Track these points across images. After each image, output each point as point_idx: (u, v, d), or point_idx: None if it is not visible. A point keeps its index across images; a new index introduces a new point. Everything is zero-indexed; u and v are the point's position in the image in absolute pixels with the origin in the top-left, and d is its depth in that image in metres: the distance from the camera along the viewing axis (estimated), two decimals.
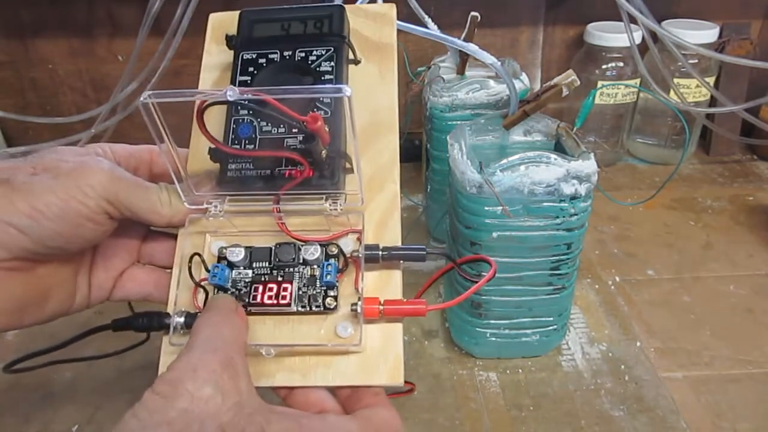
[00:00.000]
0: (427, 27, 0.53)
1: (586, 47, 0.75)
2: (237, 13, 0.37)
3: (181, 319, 0.30)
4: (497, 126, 0.47)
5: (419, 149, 0.66)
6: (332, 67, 0.33)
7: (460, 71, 0.58)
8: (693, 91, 0.74)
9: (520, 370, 0.49)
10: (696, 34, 0.70)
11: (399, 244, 0.32)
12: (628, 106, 0.76)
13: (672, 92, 0.72)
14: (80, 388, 0.49)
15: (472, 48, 0.44)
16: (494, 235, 0.43)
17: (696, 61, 0.72)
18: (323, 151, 0.30)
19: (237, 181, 0.32)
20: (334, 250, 0.31)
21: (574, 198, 0.41)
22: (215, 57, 0.37)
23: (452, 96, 0.54)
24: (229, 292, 0.31)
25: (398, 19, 0.39)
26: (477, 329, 0.49)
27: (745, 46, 0.75)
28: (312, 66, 0.33)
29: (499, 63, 0.45)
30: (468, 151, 0.43)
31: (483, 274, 0.45)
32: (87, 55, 0.79)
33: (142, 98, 0.29)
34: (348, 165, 0.32)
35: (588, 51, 0.75)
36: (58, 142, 0.73)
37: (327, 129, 0.30)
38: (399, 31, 0.39)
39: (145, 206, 0.30)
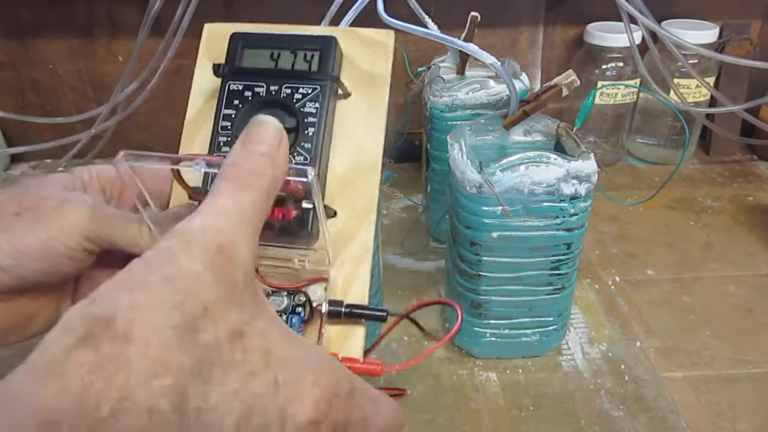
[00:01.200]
0: (427, 27, 0.53)
1: (586, 47, 0.75)
2: (231, 26, 0.36)
3: None
4: (497, 126, 0.47)
5: (419, 149, 0.66)
6: (316, 109, 0.33)
7: (460, 71, 0.58)
8: (693, 91, 0.74)
9: (520, 370, 0.49)
10: (696, 34, 0.70)
11: (365, 298, 0.31)
12: (628, 106, 0.76)
13: (672, 92, 0.72)
14: None
15: (472, 48, 0.44)
16: (494, 235, 0.43)
17: (696, 61, 0.72)
18: (296, 210, 0.30)
19: None
20: (302, 299, 0.31)
21: (574, 198, 0.41)
22: (206, 78, 0.35)
23: (452, 96, 0.54)
24: None
25: (398, 19, 0.38)
26: (477, 329, 0.49)
27: (745, 46, 0.75)
28: (296, 105, 0.33)
29: (499, 63, 0.45)
30: (468, 151, 0.43)
31: (483, 274, 0.45)
32: (87, 55, 0.79)
33: (116, 159, 0.29)
34: (329, 211, 0.32)
35: (588, 51, 0.75)
36: (58, 142, 0.73)
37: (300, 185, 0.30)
38: (399, 31, 0.39)
39: (126, 240, 0.31)
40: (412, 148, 0.73)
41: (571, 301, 0.50)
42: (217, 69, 0.34)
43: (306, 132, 0.32)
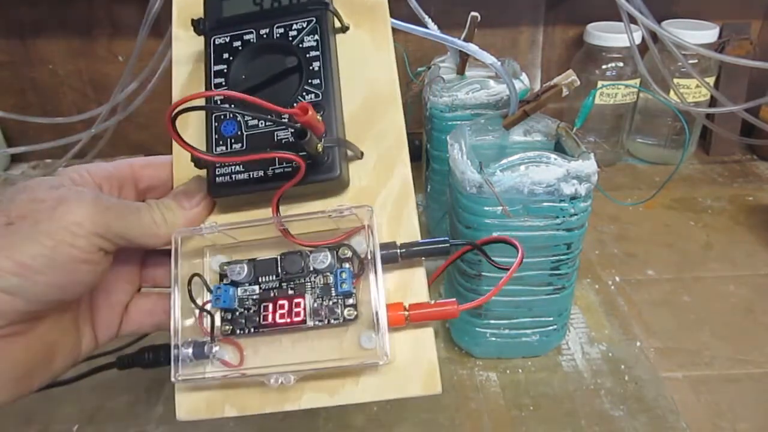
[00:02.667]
0: (427, 27, 0.53)
1: (586, 47, 0.75)
2: None
3: (189, 350, 0.27)
4: (497, 126, 0.47)
5: (419, 149, 0.66)
6: (316, 41, 0.29)
7: (460, 71, 0.58)
8: (693, 91, 0.74)
9: (520, 370, 0.49)
10: (696, 34, 0.70)
11: (418, 237, 0.28)
12: (628, 106, 0.76)
13: (672, 92, 0.72)
14: (80, 388, 0.49)
15: (472, 48, 0.44)
16: (494, 235, 0.43)
17: (696, 61, 0.72)
18: (319, 144, 0.27)
19: (228, 187, 0.29)
20: (347, 253, 0.28)
21: (574, 198, 0.41)
22: (185, 45, 0.32)
23: (452, 96, 0.54)
24: (237, 313, 0.28)
25: (398, 19, 0.38)
26: (477, 329, 0.49)
27: (745, 46, 0.75)
28: (294, 42, 0.30)
29: (499, 63, 0.45)
30: (468, 151, 0.43)
31: (484, 274, 0.45)
32: (87, 55, 0.79)
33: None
34: (350, 152, 0.29)
35: (588, 51, 0.75)
36: (58, 142, 0.73)
37: (320, 117, 0.27)
38: (399, 31, 0.39)
39: (141, 231, 0.28)
40: (412, 148, 0.73)
41: (571, 301, 0.50)
42: (197, 25, 0.31)
43: (311, 68, 0.29)
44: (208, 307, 0.28)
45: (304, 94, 0.29)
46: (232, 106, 0.29)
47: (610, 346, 0.52)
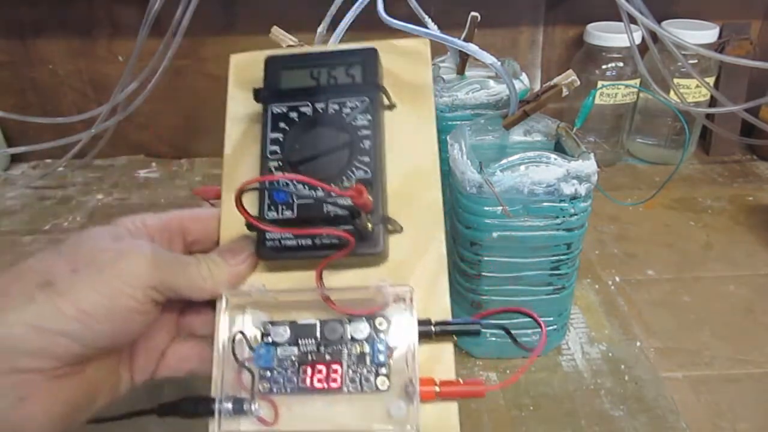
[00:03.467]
0: (427, 27, 0.53)
1: (586, 47, 0.75)
2: (258, 54, 0.35)
3: (229, 405, 0.28)
4: (497, 126, 0.47)
5: None
6: (369, 120, 0.31)
7: (460, 71, 0.58)
8: (693, 91, 0.74)
9: None
10: (696, 34, 0.70)
11: (448, 312, 0.30)
12: (628, 106, 0.76)
13: (672, 92, 0.72)
14: None
15: (472, 48, 0.44)
16: (494, 235, 0.43)
17: (696, 61, 0.72)
18: (369, 223, 0.29)
19: (276, 251, 0.30)
20: (383, 324, 0.29)
21: (574, 198, 0.41)
22: (241, 105, 0.34)
23: (452, 96, 0.54)
24: (275, 372, 0.29)
25: (398, 19, 0.38)
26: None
27: (745, 46, 0.75)
28: (347, 120, 0.31)
29: (499, 63, 0.45)
30: (468, 151, 0.43)
31: (483, 274, 0.45)
32: (87, 55, 0.79)
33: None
34: (391, 227, 0.30)
35: (588, 51, 0.75)
36: (58, 142, 0.73)
37: (369, 195, 0.29)
38: (398, 31, 0.39)
39: (189, 284, 0.29)
40: None
41: (571, 301, 0.50)
42: (257, 93, 0.33)
43: (362, 145, 0.31)
44: (249, 364, 0.30)
45: (354, 169, 0.31)
46: (285, 174, 0.31)
47: (610, 346, 0.52)
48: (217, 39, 0.78)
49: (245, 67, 0.36)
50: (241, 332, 0.30)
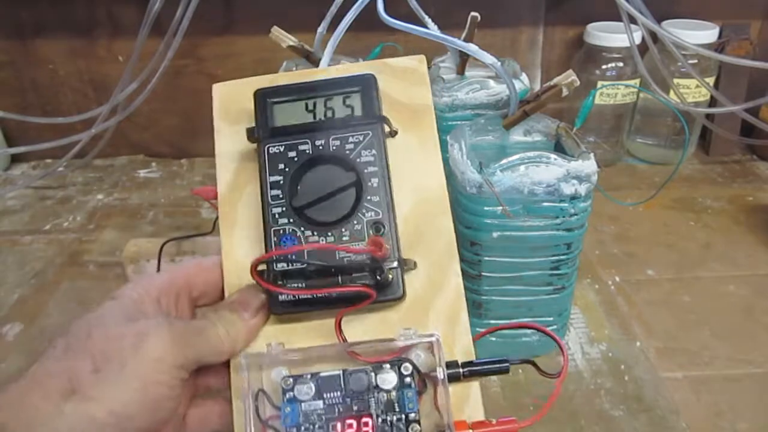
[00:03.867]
0: (427, 27, 0.53)
1: (586, 47, 0.75)
2: (243, 83, 0.33)
3: None
4: (497, 126, 0.47)
5: None
6: (374, 156, 0.29)
7: (460, 71, 0.58)
8: (693, 91, 0.74)
9: (520, 370, 0.49)
10: (696, 34, 0.70)
11: (472, 350, 0.29)
12: (628, 106, 0.76)
13: (672, 92, 0.72)
14: None
15: (472, 48, 0.44)
16: (494, 235, 0.43)
17: (696, 61, 0.72)
18: (390, 273, 0.28)
19: (291, 305, 0.29)
20: (409, 369, 0.28)
21: (574, 198, 0.41)
22: (230, 142, 0.32)
23: (452, 96, 0.54)
24: (302, 429, 0.28)
25: (398, 19, 0.38)
26: (477, 329, 0.48)
27: (745, 46, 0.75)
28: (351, 156, 0.30)
29: (499, 63, 0.45)
30: (468, 151, 0.43)
31: (484, 274, 0.45)
32: (87, 55, 0.79)
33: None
34: (406, 267, 0.29)
35: (588, 51, 0.75)
36: (58, 142, 0.73)
37: (384, 240, 0.28)
38: (398, 31, 0.39)
39: (209, 351, 0.28)
40: None
41: (571, 301, 0.50)
42: (251, 133, 0.30)
43: (370, 184, 0.29)
44: (273, 422, 0.29)
45: (364, 211, 0.29)
46: (291, 221, 0.29)
47: (610, 346, 0.52)
48: (217, 39, 0.78)
49: (230, 98, 0.33)
50: (262, 390, 0.28)
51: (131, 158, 0.87)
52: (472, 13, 0.52)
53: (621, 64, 0.73)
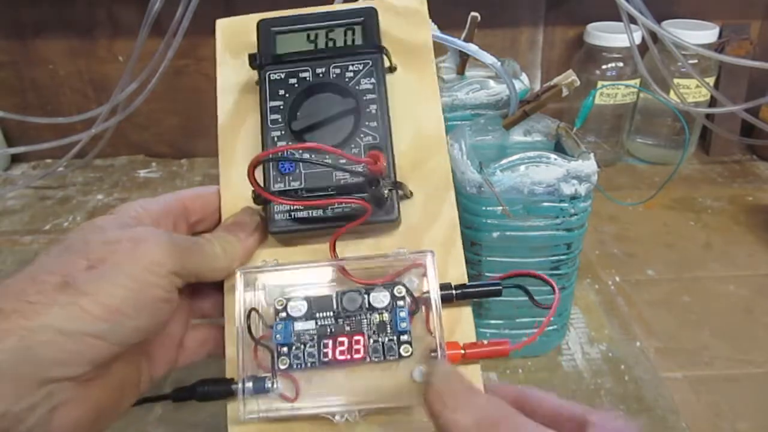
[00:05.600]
0: None
1: (586, 47, 0.75)
2: (246, 18, 0.33)
3: (250, 385, 0.28)
4: (497, 126, 0.47)
5: None
6: (373, 84, 0.30)
7: (460, 71, 0.58)
8: (693, 91, 0.74)
9: (520, 370, 0.49)
10: (696, 35, 0.70)
11: (465, 276, 0.29)
12: (628, 106, 0.76)
13: (672, 92, 0.72)
14: None
15: (472, 48, 0.44)
16: (494, 235, 0.43)
17: (696, 61, 0.72)
18: (385, 190, 0.28)
19: (286, 224, 0.29)
20: (401, 292, 0.28)
21: (574, 198, 0.41)
22: (231, 73, 0.33)
23: (452, 96, 0.54)
24: (294, 348, 0.28)
25: None
26: (477, 329, 0.48)
27: (745, 46, 0.75)
28: (350, 84, 0.30)
29: (499, 63, 0.45)
30: (468, 151, 0.43)
31: (483, 274, 0.45)
32: (87, 55, 0.79)
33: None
34: (401, 193, 0.30)
35: (588, 51, 0.75)
36: (58, 142, 0.73)
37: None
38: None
39: (206, 266, 0.28)
40: None
41: (571, 301, 0.50)
42: (253, 59, 0.31)
43: (368, 110, 0.30)
44: (266, 341, 0.29)
45: (362, 135, 0.30)
46: (289, 143, 0.29)
47: (610, 346, 0.52)
48: None
49: (234, 33, 0.34)
50: (255, 309, 0.29)
51: (131, 158, 0.87)
52: (472, 13, 0.52)
53: (621, 64, 0.73)
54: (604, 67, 0.74)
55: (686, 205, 0.71)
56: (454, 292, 0.29)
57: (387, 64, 0.32)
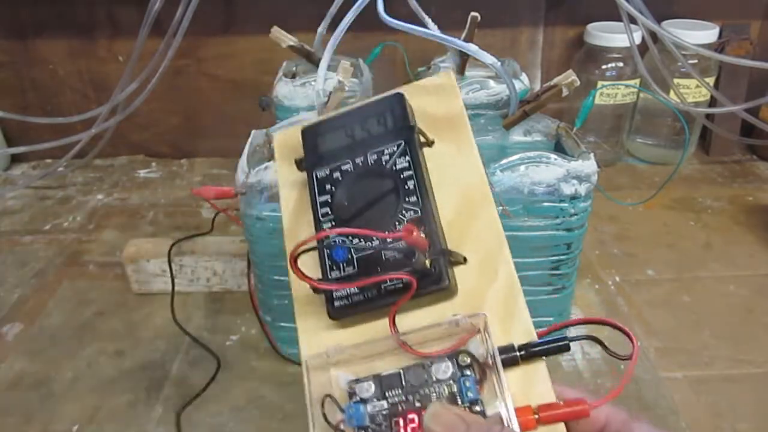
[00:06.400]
0: (427, 27, 0.53)
1: (586, 47, 0.75)
2: (295, 127, 0.37)
3: None
4: (497, 126, 0.47)
5: None
6: (408, 161, 0.32)
7: (460, 71, 0.58)
8: (693, 91, 0.74)
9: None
10: (696, 35, 0.70)
11: (532, 332, 0.29)
12: (628, 106, 0.76)
13: (672, 92, 0.72)
14: (80, 387, 0.49)
15: (472, 48, 0.44)
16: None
17: (696, 61, 0.72)
18: (426, 260, 0.29)
19: (346, 308, 0.30)
20: (466, 360, 0.28)
21: (574, 198, 0.41)
22: (290, 174, 0.36)
23: None
24: (369, 430, 0.29)
25: (398, 19, 0.38)
26: None
27: (745, 46, 0.75)
28: (387, 166, 0.32)
29: (499, 63, 0.45)
30: None
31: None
32: (87, 55, 0.79)
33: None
34: (453, 259, 0.30)
35: (588, 51, 0.75)
36: (58, 142, 0.73)
37: (422, 233, 0.29)
38: (398, 31, 0.39)
39: None
40: None
41: (571, 301, 0.50)
42: (299, 163, 0.34)
43: (406, 187, 0.31)
44: (342, 426, 0.29)
45: (403, 212, 0.31)
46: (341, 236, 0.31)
47: (610, 346, 0.51)
48: (217, 39, 0.78)
49: (287, 142, 0.37)
50: (329, 395, 0.29)
51: (131, 158, 0.87)
52: (472, 13, 0.52)
53: (621, 64, 0.73)
54: (604, 67, 0.74)
55: (686, 205, 0.71)
56: (517, 353, 0.28)
57: (423, 140, 0.33)
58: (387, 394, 0.29)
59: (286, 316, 0.49)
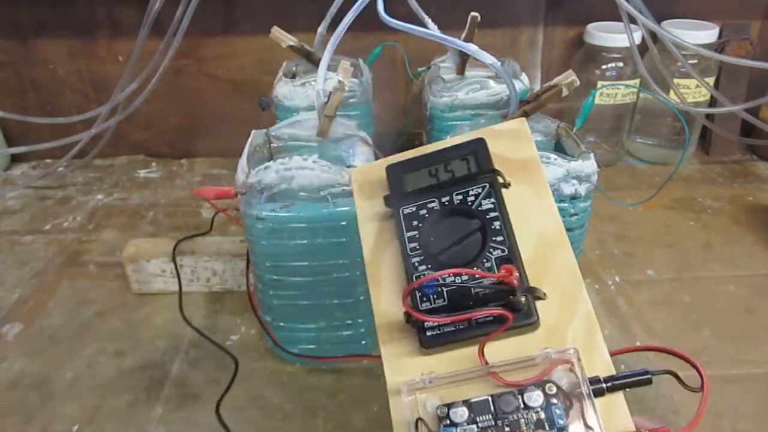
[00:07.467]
0: (427, 27, 0.53)
1: (586, 47, 0.75)
2: (374, 164, 0.38)
3: None
4: None
5: None
6: (493, 203, 0.34)
7: (460, 71, 0.58)
8: (693, 91, 0.74)
9: None
10: (696, 35, 0.70)
11: (611, 366, 0.31)
12: (628, 106, 0.76)
13: (672, 92, 0.72)
14: (80, 388, 0.49)
15: (472, 48, 0.44)
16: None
17: (696, 61, 0.72)
18: (522, 297, 0.30)
19: (438, 338, 0.32)
20: (553, 389, 0.30)
21: (574, 198, 0.41)
22: (369, 209, 0.37)
23: (452, 96, 0.54)
24: None
25: (398, 19, 0.38)
26: None
27: (745, 46, 0.75)
28: (473, 206, 0.34)
29: (499, 63, 0.45)
30: None
31: None
32: (87, 55, 0.79)
33: None
34: (536, 294, 0.32)
35: (588, 51, 0.75)
36: (58, 142, 0.73)
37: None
38: (398, 31, 0.39)
39: None
40: (412, 148, 0.73)
41: None
42: (388, 200, 0.36)
43: (493, 227, 0.33)
44: None
45: (491, 250, 0.33)
46: (429, 267, 0.33)
47: (610, 346, 0.51)
48: (217, 39, 0.78)
49: (364, 178, 0.38)
50: (421, 419, 0.31)
51: (131, 158, 0.87)
52: (472, 13, 0.52)
53: (621, 64, 0.73)
54: (604, 67, 0.74)
55: (686, 205, 0.71)
56: (604, 385, 0.30)
57: (501, 181, 0.35)
58: (477, 419, 0.31)
59: (286, 316, 0.49)
